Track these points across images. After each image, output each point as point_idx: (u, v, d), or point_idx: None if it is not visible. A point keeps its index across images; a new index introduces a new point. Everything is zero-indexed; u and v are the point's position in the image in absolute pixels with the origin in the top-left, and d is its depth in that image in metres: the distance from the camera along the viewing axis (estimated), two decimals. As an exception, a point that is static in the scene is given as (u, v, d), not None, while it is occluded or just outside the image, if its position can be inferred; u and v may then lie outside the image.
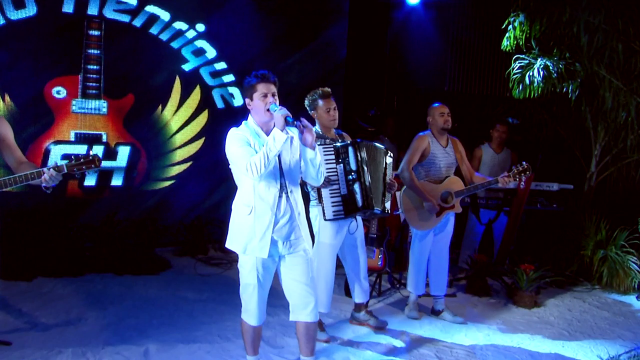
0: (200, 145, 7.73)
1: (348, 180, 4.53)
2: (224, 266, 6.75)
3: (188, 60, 7.54)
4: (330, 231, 4.62)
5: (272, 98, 3.47)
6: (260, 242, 3.45)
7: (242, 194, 3.54)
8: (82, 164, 3.59)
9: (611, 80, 7.07)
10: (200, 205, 7.75)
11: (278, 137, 3.29)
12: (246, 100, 3.56)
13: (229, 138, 3.49)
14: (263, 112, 3.47)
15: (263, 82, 3.48)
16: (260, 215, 3.45)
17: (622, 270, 6.69)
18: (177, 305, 5.29)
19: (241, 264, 3.61)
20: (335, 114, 4.69)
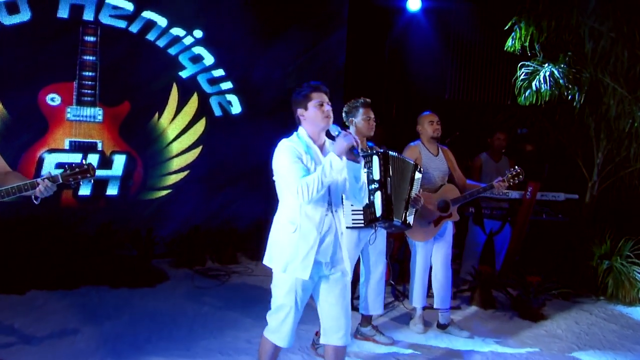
0: (197, 153, 7.59)
1: (369, 190, 4.42)
2: (222, 278, 6.59)
3: (185, 67, 7.40)
4: (349, 243, 4.49)
5: (329, 107, 3.37)
6: (303, 263, 3.27)
7: (287, 210, 3.34)
8: (77, 173, 3.45)
9: (615, 87, 6.98)
10: (197, 215, 7.58)
11: (336, 164, 3.14)
12: (298, 111, 3.42)
13: (280, 150, 3.31)
14: (320, 120, 3.34)
15: (317, 91, 3.39)
16: (305, 234, 3.27)
17: (627, 282, 6.59)
18: (175, 319, 5.11)
19: (277, 284, 3.40)
20: (374, 124, 4.68)
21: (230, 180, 7.86)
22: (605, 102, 7.16)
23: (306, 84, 3.44)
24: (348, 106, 4.73)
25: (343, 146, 3.16)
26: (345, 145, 3.15)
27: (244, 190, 7.95)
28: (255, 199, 8.02)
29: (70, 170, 3.44)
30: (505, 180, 5.08)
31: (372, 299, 4.83)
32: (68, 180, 3.45)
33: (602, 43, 6.83)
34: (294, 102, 3.47)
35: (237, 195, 7.92)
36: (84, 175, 3.48)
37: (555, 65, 6.77)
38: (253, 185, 7.99)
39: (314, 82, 3.43)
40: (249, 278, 6.72)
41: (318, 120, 3.34)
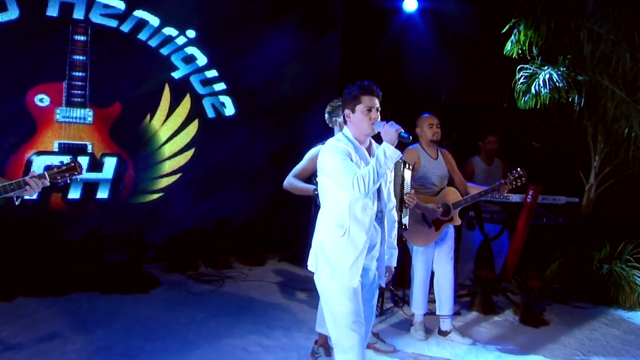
0: (190, 156, 7.42)
1: None
2: (215, 284, 6.43)
3: (178, 68, 7.24)
4: None
5: (377, 114, 3.25)
6: (351, 269, 3.14)
7: (334, 213, 3.22)
8: (64, 170, 3.39)
9: (614, 90, 6.91)
10: (189, 218, 7.42)
11: (390, 152, 3.08)
12: (345, 112, 3.32)
13: (329, 150, 3.22)
14: (366, 127, 3.24)
15: (368, 94, 3.25)
16: (354, 238, 3.16)
17: (627, 286, 6.52)
18: (169, 327, 4.95)
19: (331, 293, 3.21)
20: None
21: (224, 183, 7.71)
22: (603, 105, 7.10)
23: (358, 84, 3.30)
24: (331, 106, 4.57)
25: (392, 133, 3.11)
26: (393, 131, 3.11)
27: (237, 194, 7.81)
28: (249, 203, 7.90)
29: (56, 168, 3.37)
30: (508, 183, 4.99)
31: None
32: (55, 178, 3.38)
33: (602, 46, 6.77)
34: (343, 99, 3.37)
35: (231, 199, 7.77)
36: (71, 173, 3.39)
37: (554, 68, 6.69)
38: (247, 189, 7.86)
39: (367, 83, 3.29)
40: (243, 284, 6.57)
41: (364, 127, 3.25)
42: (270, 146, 8.00)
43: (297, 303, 5.97)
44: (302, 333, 5.01)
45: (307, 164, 4.54)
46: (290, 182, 4.54)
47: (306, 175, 4.54)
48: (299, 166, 4.59)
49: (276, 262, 7.67)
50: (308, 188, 4.43)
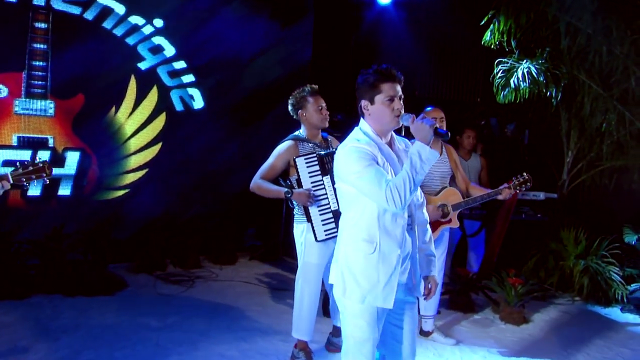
0: (157, 151, 7.13)
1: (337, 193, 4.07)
2: (185, 284, 6.17)
3: (144, 58, 6.93)
4: (318, 250, 4.16)
5: (400, 103, 2.78)
6: (385, 289, 2.73)
7: (360, 226, 2.77)
8: (31, 172, 3.05)
9: (590, 85, 6.88)
10: (156, 216, 7.12)
11: (426, 154, 2.63)
12: (362, 103, 2.82)
13: (349, 154, 2.73)
14: (388, 120, 2.77)
15: (389, 81, 2.75)
16: (386, 254, 2.73)
17: (603, 282, 6.49)
18: (139, 333, 4.66)
19: (355, 314, 2.77)
20: (327, 113, 4.29)
21: (192, 179, 7.44)
22: (580, 100, 7.07)
23: (375, 68, 2.80)
24: (294, 97, 4.32)
25: (425, 129, 2.65)
26: (427, 127, 2.65)
27: (206, 190, 7.55)
28: (218, 199, 7.65)
29: (22, 168, 3.03)
30: (512, 187, 4.76)
31: None
32: (20, 180, 3.03)
33: (579, 39, 6.72)
34: (357, 89, 2.85)
35: (200, 195, 7.51)
36: (39, 175, 3.05)
37: (532, 62, 6.61)
38: (216, 185, 7.61)
39: (385, 67, 2.80)
40: (214, 284, 6.32)
41: (386, 120, 2.78)
42: (241, 140, 7.76)
43: (272, 303, 5.75)
44: (280, 336, 4.79)
45: (276, 162, 4.23)
46: (258, 184, 4.18)
47: (275, 174, 4.22)
48: (266, 165, 4.24)
49: (247, 260, 7.45)
50: (279, 190, 4.11)
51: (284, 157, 4.22)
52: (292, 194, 4.03)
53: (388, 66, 2.79)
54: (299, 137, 4.31)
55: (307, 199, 4.01)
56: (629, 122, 6.94)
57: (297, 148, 4.22)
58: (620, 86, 6.85)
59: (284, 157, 4.22)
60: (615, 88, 6.85)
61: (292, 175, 4.18)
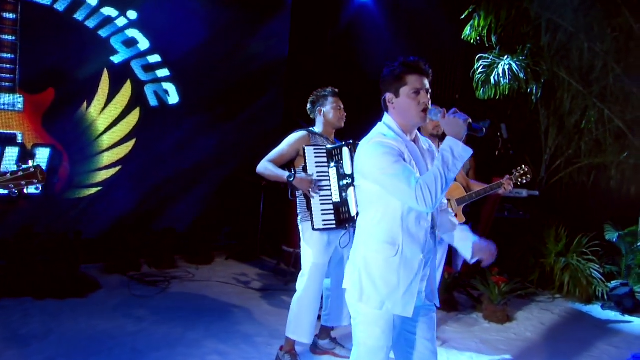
0: (130, 147, 6.91)
1: (341, 186, 4.02)
2: (161, 285, 5.96)
3: (118, 52, 6.70)
4: (319, 248, 4.06)
5: (427, 97, 2.60)
6: (405, 296, 2.56)
7: (382, 227, 2.59)
8: (20, 178, 2.65)
9: (570, 82, 6.87)
10: (130, 215, 6.93)
11: (459, 150, 2.44)
12: (387, 96, 2.65)
13: (375, 148, 2.55)
14: (414, 115, 2.59)
15: (416, 73, 2.58)
16: (409, 258, 2.56)
17: (584, 279, 6.49)
18: (115, 337, 4.46)
19: (369, 321, 2.62)
20: (344, 114, 4.30)
21: (167, 176, 7.25)
22: (559, 97, 7.06)
23: (401, 60, 2.64)
24: (315, 95, 4.32)
25: (459, 124, 2.46)
26: (461, 122, 2.46)
27: (181, 188, 7.36)
28: (193, 197, 7.48)
29: (11, 174, 2.65)
30: (513, 179, 4.73)
31: (339, 308, 4.38)
32: (7, 187, 2.65)
33: (560, 36, 6.70)
34: (382, 81, 2.69)
35: (174, 193, 7.32)
36: (30, 181, 2.69)
37: (513, 58, 6.57)
38: (192, 182, 7.43)
39: (412, 59, 2.63)
40: (190, 284, 6.12)
41: (411, 115, 2.60)
42: (217, 137, 7.59)
43: (252, 304, 5.58)
44: (263, 338, 4.64)
45: (287, 150, 4.16)
46: (265, 166, 4.09)
47: (283, 161, 4.15)
48: (277, 150, 4.16)
49: (224, 260, 7.26)
50: (282, 175, 4.02)
51: (295, 146, 4.16)
52: (294, 178, 3.95)
53: (416, 58, 2.63)
54: (313, 131, 4.26)
55: (309, 185, 3.95)
56: (608, 120, 6.95)
57: (310, 140, 4.18)
58: (599, 83, 6.85)
59: (295, 146, 4.16)
60: (595, 85, 6.85)
61: (299, 165, 4.13)
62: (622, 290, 6.20)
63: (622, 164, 7.24)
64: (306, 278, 4.11)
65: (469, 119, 2.48)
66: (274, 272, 6.83)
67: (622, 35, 6.61)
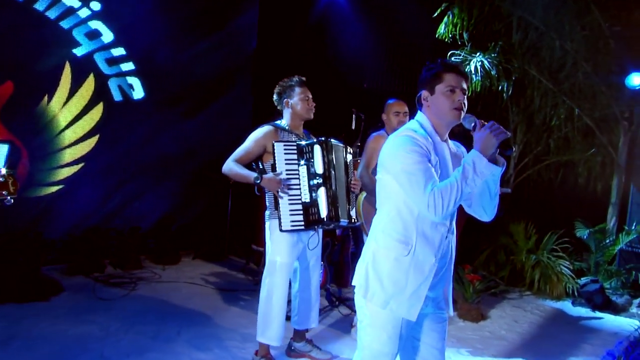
0: (93, 143, 6.64)
1: (311, 186, 3.88)
2: (127, 287, 5.75)
3: (80, 44, 6.42)
4: (285, 247, 3.92)
5: (463, 96, 2.54)
6: (411, 298, 2.50)
7: (396, 224, 2.53)
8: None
9: (541, 80, 6.90)
10: (94, 214, 6.68)
11: (481, 167, 2.36)
12: (422, 93, 2.60)
13: (402, 143, 2.48)
14: (447, 112, 2.53)
15: (453, 72, 2.54)
16: (420, 260, 2.50)
17: (554, 276, 6.55)
18: (81, 343, 4.24)
19: (374, 323, 2.57)
20: (313, 104, 4.11)
21: (131, 174, 7.00)
22: (530, 95, 7.09)
23: (440, 61, 2.62)
24: (281, 86, 4.13)
25: (490, 141, 2.38)
26: (493, 140, 2.38)
27: (146, 186, 7.14)
28: (159, 195, 7.27)
29: None
30: None
31: (307, 310, 4.28)
32: None
33: (531, 34, 6.72)
34: (420, 81, 2.64)
35: (139, 191, 7.09)
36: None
37: (485, 55, 6.55)
38: (157, 180, 7.22)
39: (451, 61, 2.63)
40: (158, 285, 5.93)
41: (444, 112, 2.53)
42: (183, 133, 7.39)
43: (223, 306, 5.43)
44: (235, 342, 4.50)
45: (253, 147, 3.96)
46: (230, 166, 3.91)
47: (249, 159, 3.97)
48: (242, 149, 3.97)
49: (191, 260, 7.07)
50: (249, 175, 3.87)
51: (261, 142, 3.97)
52: (261, 180, 3.79)
53: (453, 63, 2.61)
54: (279, 125, 4.05)
55: (278, 186, 3.80)
56: (577, 117, 7.01)
57: (277, 135, 3.99)
58: (569, 81, 6.90)
59: (261, 142, 3.97)
60: (565, 83, 6.89)
61: (267, 161, 3.96)
62: (592, 287, 6.25)
63: (590, 161, 7.33)
64: (271, 278, 3.99)
65: (504, 136, 2.40)
66: (243, 272, 6.68)
67: (592, 33, 6.66)
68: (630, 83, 6.44)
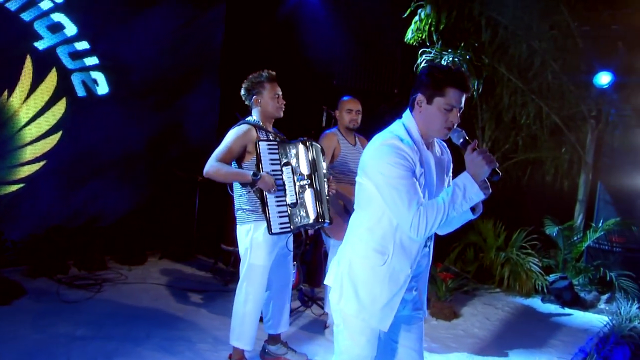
0: (56, 140, 6.39)
1: (297, 187, 3.79)
2: (92, 288, 5.55)
3: (42, 37, 6.16)
4: (265, 250, 3.81)
5: (457, 117, 2.43)
6: (384, 309, 2.44)
7: (375, 232, 2.46)
8: None
9: (510, 78, 6.94)
10: (56, 213, 6.43)
11: (472, 193, 2.30)
12: (418, 96, 2.45)
13: (387, 153, 2.37)
14: (436, 129, 2.44)
15: (457, 87, 2.38)
16: (396, 270, 2.45)
17: (523, 273, 6.61)
18: (46, 349, 4.07)
19: (350, 328, 2.51)
20: (283, 102, 3.97)
21: (96, 172, 6.78)
22: (499, 93, 7.12)
23: (447, 69, 2.45)
24: (249, 82, 3.97)
25: (482, 166, 2.32)
26: (486, 167, 2.32)
27: (111, 184, 6.93)
28: (124, 194, 7.07)
29: None
30: None
31: (280, 314, 4.18)
32: None
33: (500, 33, 6.74)
34: (419, 80, 2.48)
35: (104, 190, 6.87)
36: None
37: (455, 54, 6.55)
38: (122, 178, 7.02)
39: (459, 71, 2.45)
40: (124, 287, 5.75)
41: (433, 127, 2.45)
42: (149, 130, 7.20)
43: (192, 307, 5.30)
44: (207, 345, 4.38)
45: (233, 145, 3.79)
46: (217, 167, 3.70)
47: (232, 157, 3.81)
48: (224, 147, 3.79)
49: (157, 260, 6.90)
50: (244, 173, 3.72)
51: (241, 140, 3.81)
52: (260, 177, 3.64)
53: (463, 72, 2.46)
54: (254, 122, 3.92)
55: (273, 185, 3.68)
56: (545, 116, 7.07)
57: (257, 133, 3.85)
58: (538, 80, 6.95)
59: (242, 140, 3.81)
60: (534, 82, 6.94)
61: (246, 161, 3.83)
62: (561, 284, 6.32)
63: (557, 159, 7.41)
64: (249, 282, 3.86)
65: (496, 166, 2.36)
66: (212, 272, 6.54)
67: (560, 33, 6.72)
68: (598, 82, 6.52)
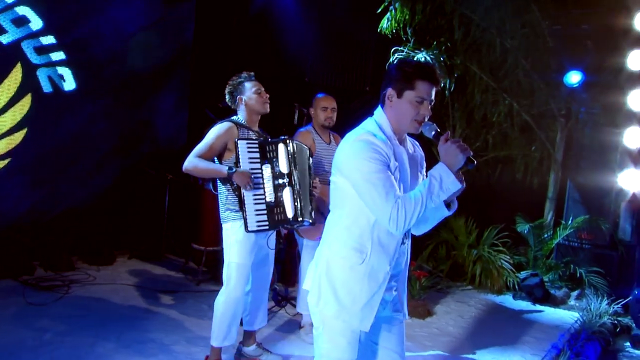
0: (21, 137, 6.21)
1: (276, 185, 3.74)
2: (60, 290, 5.40)
3: (7, 31, 5.97)
4: (245, 248, 3.79)
5: (428, 110, 2.42)
6: (364, 309, 2.39)
7: (352, 231, 2.42)
8: None
9: (482, 77, 6.97)
10: (21, 212, 6.25)
11: (448, 183, 2.28)
12: (388, 91, 2.44)
13: (362, 149, 2.34)
14: (407, 123, 2.42)
15: (427, 80, 2.37)
16: (375, 268, 2.40)
17: (495, 270, 6.66)
18: (13, 353, 3.93)
19: (331, 331, 2.44)
20: (267, 96, 3.96)
21: (62, 170, 6.61)
22: (471, 91, 7.15)
23: (416, 63, 2.46)
24: (231, 85, 3.99)
25: (458, 157, 2.30)
26: (460, 155, 2.29)
27: (78, 182, 6.77)
28: (92, 192, 6.92)
29: None
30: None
31: (258, 310, 4.16)
32: None
33: (473, 31, 6.76)
34: (389, 75, 2.46)
35: (71, 188, 6.71)
36: None
37: (428, 52, 6.55)
38: (90, 176, 6.87)
39: (428, 64, 2.45)
40: (92, 288, 5.61)
41: (404, 122, 2.43)
42: (118, 127, 7.04)
43: (163, 308, 5.19)
44: (180, 346, 4.29)
45: (214, 142, 3.78)
46: (195, 163, 3.71)
47: (212, 155, 3.79)
48: (205, 144, 3.77)
49: (126, 259, 6.76)
50: (220, 169, 3.71)
51: (223, 138, 3.80)
52: (235, 172, 3.63)
53: (432, 65, 2.45)
54: (238, 121, 3.91)
55: (249, 181, 3.66)
56: (516, 114, 7.12)
57: (238, 131, 3.83)
58: (509, 78, 7.00)
59: (223, 138, 3.80)
60: (505, 80, 6.99)
61: (227, 159, 3.81)
62: (532, 281, 6.38)
63: (527, 157, 7.47)
64: (230, 281, 3.82)
65: (470, 153, 2.34)
66: (183, 272, 6.43)
67: (532, 31, 6.78)
68: (568, 81, 6.61)
